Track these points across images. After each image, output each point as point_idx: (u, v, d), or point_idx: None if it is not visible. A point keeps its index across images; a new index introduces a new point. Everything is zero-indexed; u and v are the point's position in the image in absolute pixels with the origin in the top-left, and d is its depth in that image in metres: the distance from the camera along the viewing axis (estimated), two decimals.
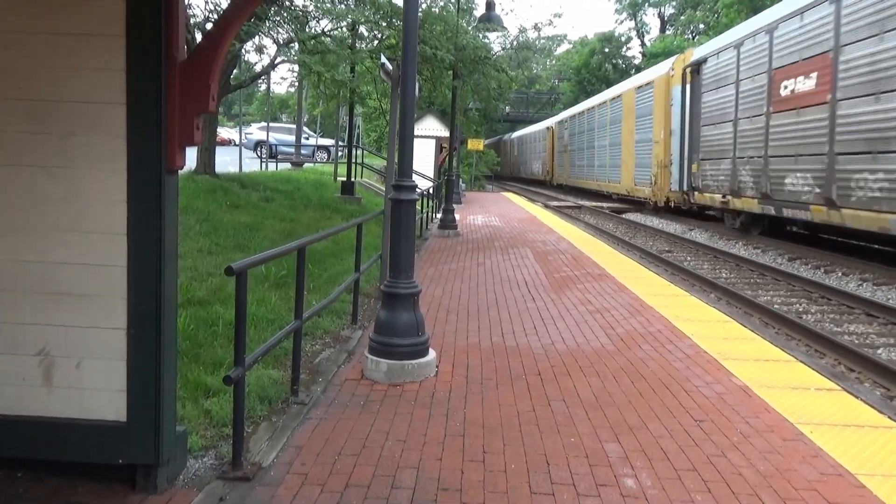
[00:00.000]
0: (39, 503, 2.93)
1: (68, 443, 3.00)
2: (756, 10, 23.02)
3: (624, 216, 22.73)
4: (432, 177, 23.54)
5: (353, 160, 20.11)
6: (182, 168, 3.09)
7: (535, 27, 19.59)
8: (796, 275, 10.81)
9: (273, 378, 4.47)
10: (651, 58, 47.59)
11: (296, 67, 16.16)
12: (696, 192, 18.10)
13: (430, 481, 3.15)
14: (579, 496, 3.03)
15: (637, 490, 3.10)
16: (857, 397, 4.35)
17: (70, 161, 2.93)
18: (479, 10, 19.36)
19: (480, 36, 15.82)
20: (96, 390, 2.98)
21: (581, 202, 27.93)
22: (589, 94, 46.39)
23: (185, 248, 7.89)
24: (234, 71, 16.21)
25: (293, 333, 4.24)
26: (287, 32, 13.54)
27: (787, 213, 13.28)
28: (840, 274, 11.25)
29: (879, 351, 6.88)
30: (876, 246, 12.81)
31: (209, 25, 12.54)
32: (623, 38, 63.01)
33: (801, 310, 8.79)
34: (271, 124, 31.64)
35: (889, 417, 4.01)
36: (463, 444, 3.57)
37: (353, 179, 19.00)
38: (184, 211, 9.71)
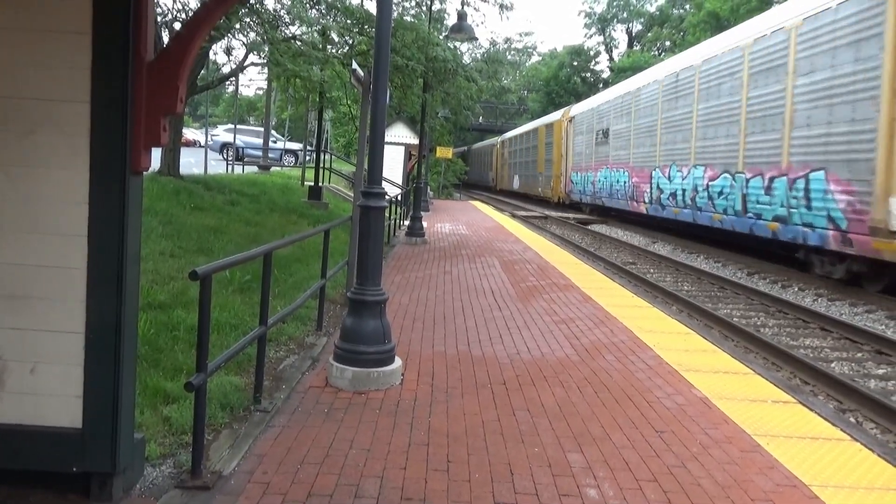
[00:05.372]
0: None
1: (20, 450, 2.90)
2: (721, 29, 23.89)
3: (589, 227, 23.05)
4: (401, 184, 23.50)
5: (321, 165, 19.98)
6: (148, 169, 3.03)
7: (507, 41, 19.98)
8: (755, 289, 11.07)
9: (235, 385, 4.40)
10: (619, 72, 48.41)
11: (265, 70, 16.00)
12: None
13: (394, 490, 3.14)
14: None
15: (599, 500, 3.12)
16: (811, 410, 4.47)
17: (30, 160, 2.85)
18: (451, 20, 19.47)
19: (452, 46, 15.89)
20: (51, 396, 2.90)
21: (547, 212, 28.31)
22: (557, 106, 47.13)
23: (146, 251, 7.72)
24: (202, 72, 15.99)
25: (257, 339, 4.19)
26: (258, 35, 13.42)
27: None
28: (796, 289, 11.57)
29: (833, 365, 7.08)
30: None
31: (177, 25, 12.36)
32: (592, 53, 64.03)
33: (759, 323, 9.00)
34: (238, 126, 31.21)
35: (842, 430, 4.12)
36: (427, 454, 3.56)
37: (320, 184, 18.88)
38: (146, 212, 9.52)
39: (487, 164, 54.20)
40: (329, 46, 14.98)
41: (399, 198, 17.56)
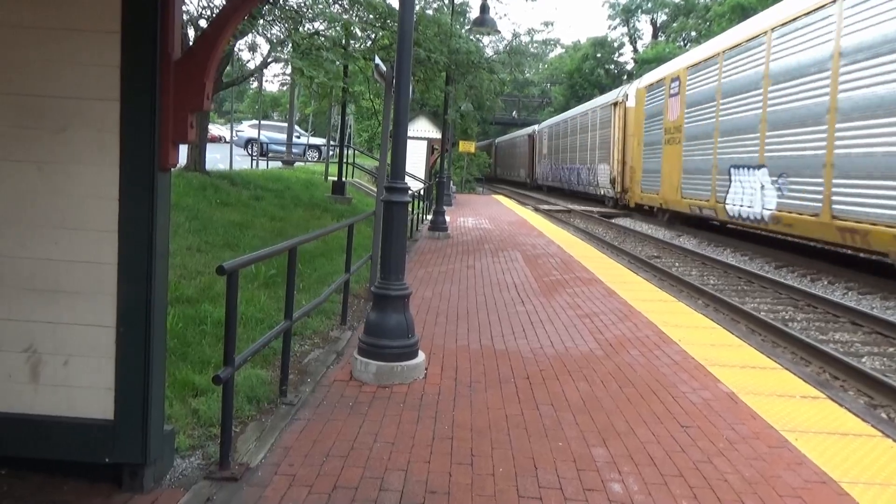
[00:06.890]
0: (22, 502, 2.90)
1: (54, 441, 2.97)
2: (748, 17, 23.43)
3: (613, 221, 22.86)
4: (423, 178, 23.54)
5: (345, 160, 20.08)
6: (175, 166, 3.08)
7: (529, 32, 19.93)
8: (783, 282, 10.90)
9: (261, 378, 4.46)
10: (643, 64, 47.87)
11: (288, 68, 16.12)
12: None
13: (419, 484, 3.16)
14: (567, 501, 3.05)
15: (624, 495, 3.11)
16: (841, 405, 4.40)
17: (61, 157, 2.90)
18: (473, 13, 19.42)
19: (474, 39, 15.83)
20: (84, 388, 2.96)
21: (571, 206, 28.11)
22: (581, 99, 46.80)
23: (174, 246, 7.84)
24: (227, 68, 16.15)
25: (283, 333, 4.23)
26: (280, 32, 13.51)
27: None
28: (826, 282, 11.35)
29: (864, 359, 6.95)
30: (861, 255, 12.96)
31: (202, 22, 12.49)
32: (616, 44, 63.34)
33: (787, 317, 8.86)
34: (262, 122, 31.48)
35: (872, 426, 4.05)
36: (451, 447, 3.58)
37: (343, 179, 18.97)
38: (173, 208, 9.60)
39: (585, 150, 29.25)
40: (352, 41, 15.03)
41: (422, 192, 17.59)
